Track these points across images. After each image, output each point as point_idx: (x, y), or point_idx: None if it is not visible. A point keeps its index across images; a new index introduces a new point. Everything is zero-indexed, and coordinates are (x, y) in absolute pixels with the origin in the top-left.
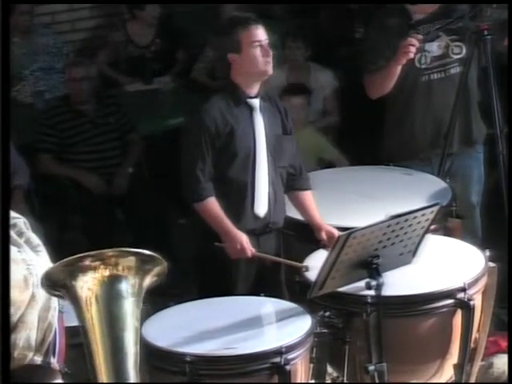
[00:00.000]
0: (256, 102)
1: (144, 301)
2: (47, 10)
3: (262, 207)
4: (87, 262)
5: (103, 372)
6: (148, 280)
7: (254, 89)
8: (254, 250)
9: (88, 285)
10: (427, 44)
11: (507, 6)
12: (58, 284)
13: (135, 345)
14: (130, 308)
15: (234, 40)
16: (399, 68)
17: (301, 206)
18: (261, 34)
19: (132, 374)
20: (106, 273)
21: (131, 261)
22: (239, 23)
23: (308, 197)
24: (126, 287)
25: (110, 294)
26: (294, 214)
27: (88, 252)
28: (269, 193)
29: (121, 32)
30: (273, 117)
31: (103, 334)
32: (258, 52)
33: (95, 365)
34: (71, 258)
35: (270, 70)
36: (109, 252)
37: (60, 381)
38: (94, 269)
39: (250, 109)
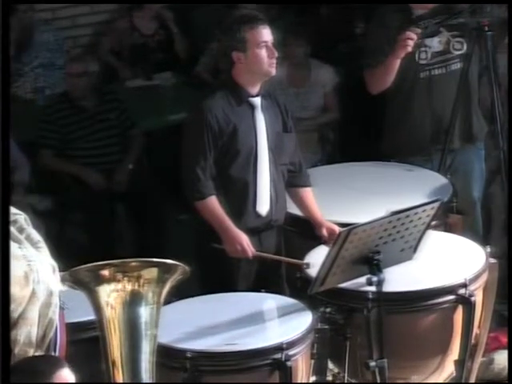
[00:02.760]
0: (257, 101)
1: None
2: (47, 7)
3: (263, 205)
4: (110, 272)
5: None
6: (167, 287)
7: (256, 87)
8: (254, 250)
9: (110, 298)
10: (428, 39)
11: (507, 6)
12: (81, 284)
13: (152, 354)
14: (148, 318)
15: (241, 39)
16: (398, 62)
17: (301, 203)
18: (267, 34)
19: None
20: (129, 287)
21: (153, 272)
22: (247, 22)
23: (308, 194)
24: (146, 302)
25: (130, 313)
26: (294, 210)
27: (111, 261)
28: (270, 191)
29: (126, 19)
30: (274, 115)
31: (121, 342)
32: (263, 52)
33: (112, 374)
34: (96, 264)
35: (273, 71)
36: (132, 263)
37: (67, 369)
38: (118, 281)
39: (252, 107)
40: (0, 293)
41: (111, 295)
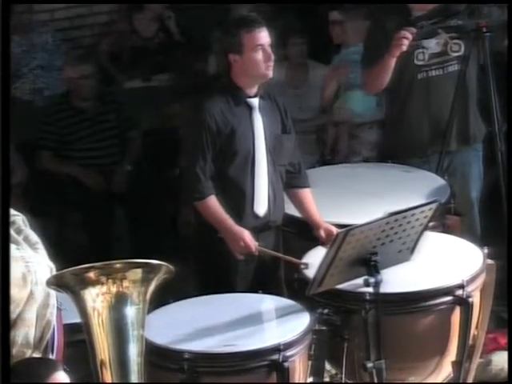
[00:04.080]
0: (255, 102)
1: None
2: (46, 8)
3: (261, 207)
4: (95, 275)
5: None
6: (152, 286)
7: (254, 89)
8: (256, 244)
9: (96, 303)
10: (425, 41)
11: (507, 6)
12: (66, 287)
13: (140, 355)
14: (134, 319)
15: (237, 42)
16: (394, 61)
17: (299, 204)
18: (264, 37)
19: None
20: (114, 289)
21: (137, 273)
22: (243, 25)
23: (307, 195)
24: (132, 303)
25: (115, 315)
26: (292, 211)
27: (95, 264)
28: (268, 192)
29: (126, 22)
30: (272, 116)
31: (108, 344)
32: (259, 56)
33: (100, 374)
34: (80, 267)
35: (270, 73)
36: (116, 264)
37: (62, 372)
38: (102, 283)
39: (250, 108)
40: None
41: (97, 299)
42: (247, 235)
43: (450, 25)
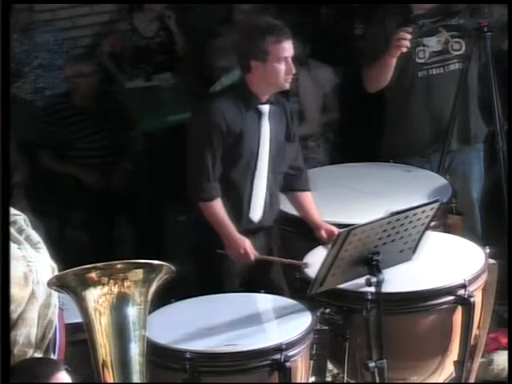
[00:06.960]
0: (266, 108)
1: None
2: (47, 7)
3: (257, 212)
4: (97, 275)
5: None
6: (154, 286)
7: (266, 95)
8: (256, 253)
9: (98, 304)
10: (426, 39)
11: (507, 6)
12: (68, 288)
13: (142, 355)
14: (136, 319)
15: (263, 50)
16: (394, 60)
17: (300, 207)
18: (290, 49)
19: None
20: (115, 289)
21: (139, 273)
22: (272, 33)
23: (307, 197)
24: (133, 303)
25: (117, 315)
26: (294, 210)
27: (97, 264)
28: (265, 199)
29: (127, 21)
30: (279, 122)
31: (110, 345)
32: (282, 67)
33: (102, 375)
34: (82, 267)
35: (287, 86)
36: (117, 265)
37: (64, 372)
38: (103, 284)
39: (259, 114)
40: (0, 294)
41: (98, 300)
42: (248, 244)
43: (450, 23)
